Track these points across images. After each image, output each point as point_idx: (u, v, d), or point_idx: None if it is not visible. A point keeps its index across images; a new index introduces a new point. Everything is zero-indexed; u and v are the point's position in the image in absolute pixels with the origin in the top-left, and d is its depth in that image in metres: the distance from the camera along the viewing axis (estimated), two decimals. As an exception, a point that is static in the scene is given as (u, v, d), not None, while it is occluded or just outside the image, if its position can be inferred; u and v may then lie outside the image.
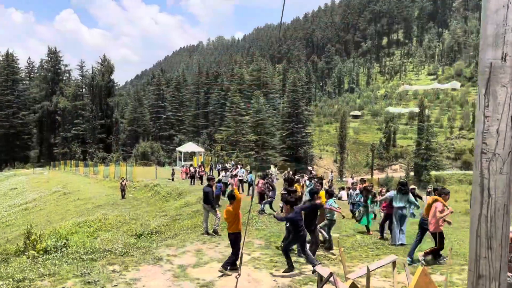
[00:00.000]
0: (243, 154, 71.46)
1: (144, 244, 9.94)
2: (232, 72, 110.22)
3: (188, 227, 16.39)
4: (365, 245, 10.07)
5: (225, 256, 8.84)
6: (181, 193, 28.24)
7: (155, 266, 8.03)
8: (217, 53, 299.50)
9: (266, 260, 8.41)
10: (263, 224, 13.35)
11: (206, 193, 11.48)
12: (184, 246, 9.71)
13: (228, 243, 10.16)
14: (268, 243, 9.70)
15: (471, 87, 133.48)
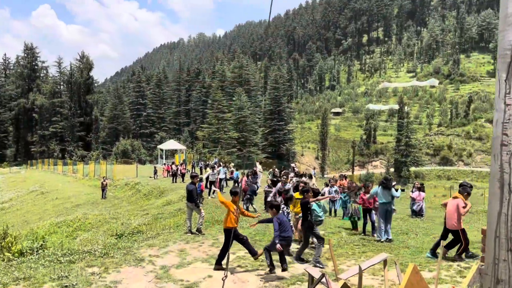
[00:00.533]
0: (225, 152, 71.18)
1: (125, 244, 9.61)
2: (213, 69, 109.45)
3: (170, 226, 16.06)
4: (351, 242, 9.95)
5: (209, 256, 8.61)
6: (163, 192, 27.83)
7: (137, 267, 7.73)
8: (198, 50, 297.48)
9: (252, 259, 8.19)
10: (246, 221, 13.15)
11: (189, 191, 11.18)
12: (167, 246, 9.42)
13: (212, 242, 9.94)
14: (252, 241, 9.46)
15: (448, 84, 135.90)
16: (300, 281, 6.83)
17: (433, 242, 10.29)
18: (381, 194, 10.48)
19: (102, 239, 13.99)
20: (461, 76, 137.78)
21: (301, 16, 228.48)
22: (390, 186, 10.55)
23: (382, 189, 10.49)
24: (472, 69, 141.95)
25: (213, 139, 76.92)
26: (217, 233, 10.98)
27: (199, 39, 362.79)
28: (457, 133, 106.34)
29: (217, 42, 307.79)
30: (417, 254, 8.59)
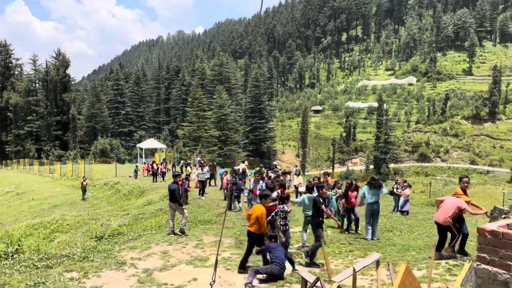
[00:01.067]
0: (206, 150, 70.67)
1: (105, 247, 9.26)
2: (193, 67, 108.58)
3: (151, 226, 15.72)
4: (337, 240, 9.84)
5: (193, 258, 8.35)
6: (143, 191, 27.37)
7: (118, 271, 7.43)
8: (178, 48, 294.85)
9: (238, 260, 7.97)
10: (230, 221, 12.94)
11: (172, 190, 10.83)
12: (149, 248, 9.12)
13: (196, 243, 9.68)
14: (238, 242, 9.29)
15: (426, 82, 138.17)
16: (289, 283, 6.66)
17: (419, 239, 10.29)
18: (369, 194, 10.41)
19: (81, 241, 13.56)
20: (438, 74, 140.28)
21: (281, 14, 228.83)
22: (378, 185, 10.50)
23: (370, 188, 10.43)
24: (448, 67, 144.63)
25: (193, 137, 76.20)
26: (201, 234, 10.73)
27: (178, 37, 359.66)
28: (434, 130, 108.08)
29: (197, 39, 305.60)
30: (403, 252, 8.53)
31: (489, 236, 3.96)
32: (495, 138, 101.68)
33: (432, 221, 13.62)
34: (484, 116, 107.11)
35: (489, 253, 3.97)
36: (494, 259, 3.92)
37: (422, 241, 9.92)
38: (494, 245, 3.93)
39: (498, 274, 3.88)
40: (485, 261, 4.00)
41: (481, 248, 4.03)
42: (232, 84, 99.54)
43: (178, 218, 11.51)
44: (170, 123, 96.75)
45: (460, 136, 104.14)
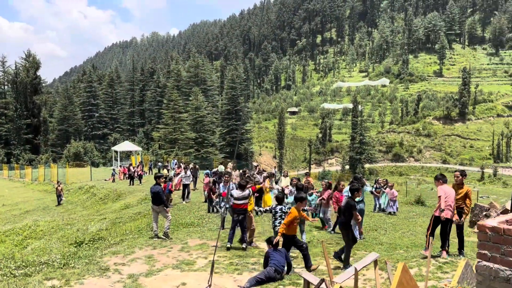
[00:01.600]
0: (183, 152, 70.01)
1: (86, 252, 8.91)
2: (168, 69, 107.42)
3: (131, 230, 15.34)
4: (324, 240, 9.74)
5: (180, 262, 8.11)
6: (120, 195, 26.77)
7: (102, 277, 7.13)
8: (152, 49, 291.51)
9: (226, 263, 7.80)
10: (213, 223, 12.74)
11: (155, 192, 10.50)
12: (133, 252, 8.82)
13: (181, 246, 9.43)
14: (224, 244, 9.10)
15: (399, 83, 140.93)
16: (282, 285, 6.53)
17: (404, 237, 10.35)
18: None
19: (57, 247, 13.07)
20: (410, 75, 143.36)
21: (256, 16, 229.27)
22: (362, 185, 10.51)
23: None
24: (420, 69, 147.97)
25: (169, 139, 75.36)
26: (186, 237, 10.47)
27: (153, 38, 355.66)
28: (407, 131, 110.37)
29: (172, 41, 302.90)
30: (391, 251, 8.54)
31: (490, 232, 3.93)
32: (465, 138, 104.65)
33: (414, 220, 13.79)
34: (454, 117, 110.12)
35: (490, 249, 3.94)
36: (496, 256, 3.89)
37: (408, 239, 9.97)
38: (495, 241, 3.90)
39: (500, 270, 3.85)
40: (486, 258, 3.97)
41: (482, 244, 4.00)
42: (208, 86, 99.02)
43: (161, 221, 11.21)
44: (145, 125, 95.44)
45: (432, 136, 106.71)
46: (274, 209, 8.29)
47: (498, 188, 65.39)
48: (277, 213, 8.20)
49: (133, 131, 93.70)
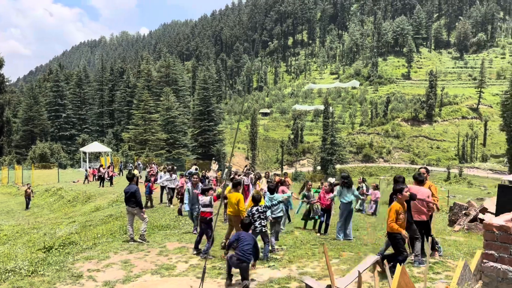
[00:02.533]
0: (154, 153, 68.79)
1: (56, 258, 8.32)
2: (138, 69, 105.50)
3: (103, 234, 14.70)
4: (307, 242, 9.53)
5: (159, 266, 7.66)
6: (90, 197, 25.84)
7: (74, 285, 6.62)
8: (122, 49, 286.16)
9: (208, 267, 7.41)
10: (190, 225, 12.30)
11: (132, 192, 9.97)
12: (107, 257, 8.29)
13: (159, 250, 8.98)
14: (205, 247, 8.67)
15: (368, 86, 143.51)
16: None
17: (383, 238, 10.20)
18: (344, 193, 10.22)
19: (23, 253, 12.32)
20: (379, 78, 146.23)
21: (228, 17, 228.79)
22: (351, 184, 10.33)
23: (343, 188, 10.24)
24: (388, 72, 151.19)
25: (140, 140, 73.89)
26: (163, 240, 9.99)
27: (122, 38, 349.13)
28: (377, 132, 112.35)
29: (142, 41, 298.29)
30: (376, 251, 8.34)
31: (497, 231, 3.75)
32: (432, 139, 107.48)
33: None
34: (422, 118, 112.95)
35: (497, 249, 3.75)
36: (504, 256, 3.71)
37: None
38: (503, 241, 3.71)
39: (509, 272, 3.67)
40: (493, 259, 3.78)
41: (489, 244, 3.81)
42: (179, 86, 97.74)
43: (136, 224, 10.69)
44: (114, 126, 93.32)
45: (400, 138, 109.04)
46: (250, 211, 8.01)
47: (463, 188, 67.33)
48: (255, 214, 7.91)
49: (102, 132, 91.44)
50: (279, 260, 7.94)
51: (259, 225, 7.82)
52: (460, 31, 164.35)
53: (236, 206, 8.40)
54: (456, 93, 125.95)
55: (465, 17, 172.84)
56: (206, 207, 8.44)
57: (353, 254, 8.21)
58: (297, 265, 7.41)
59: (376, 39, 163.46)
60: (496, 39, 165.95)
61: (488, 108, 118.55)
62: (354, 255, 8.17)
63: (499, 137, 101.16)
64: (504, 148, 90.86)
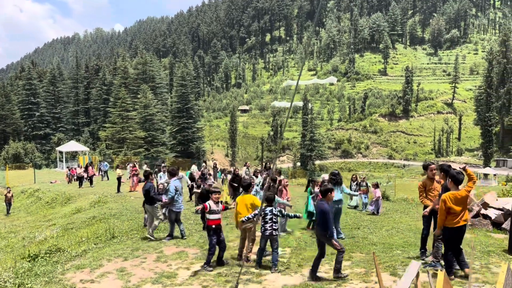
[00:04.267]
0: (132, 152, 67.46)
1: (44, 268, 7.62)
2: (114, 66, 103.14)
3: (88, 237, 13.97)
4: (311, 243, 9.01)
5: (159, 274, 7.06)
6: (70, 198, 24.81)
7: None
8: (96, 46, 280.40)
9: (212, 275, 6.87)
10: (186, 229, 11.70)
11: (146, 190, 9.96)
12: (101, 265, 7.63)
13: (156, 256, 8.37)
14: (205, 251, 8.11)
15: (346, 82, 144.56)
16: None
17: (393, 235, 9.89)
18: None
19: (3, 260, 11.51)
20: (357, 74, 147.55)
21: (205, 13, 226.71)
22: (340, 181, 9.93)
23: (332, 185, 9.79)
24: (365, 68, 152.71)
25: (117, 139, 72.32)
26: (159, 244, 9.30)
27: (97, 35, 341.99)
28: (355, 128, 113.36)
29: (117, 37, 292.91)
30: (388, 252, 7.98)
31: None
32: (409, 134, 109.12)
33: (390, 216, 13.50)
34: (399, 114, 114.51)
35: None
36: None
37: (398, 237, 9.51)
38: None
39: None
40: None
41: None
42: (157, 83, 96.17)
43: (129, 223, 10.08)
44: (90, 125, 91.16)
45: (378, 133, 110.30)
46: (263, 211, 7.42)
47: (441, 182, 68.60)
48: (267, 215, 7.32)
49: (78, 130, 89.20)
50: (287, 264, 7.45)
51: (269, 228, 7.23)
52: (434, 27, 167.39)
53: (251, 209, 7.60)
54: (432, 88, 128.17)
55: (439, 14, 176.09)
56: (214, 214, 7.55)
57: (364, 255, 7.80)
58: (309, 270, 6.92)
59: (353, 35, 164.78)
60: (469, 35, 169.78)
61: (462, 103, 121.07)
62: (366, 256, 7.75)
63: (473, 131, 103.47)
64: (478, 142, 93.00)
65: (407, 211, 14.52)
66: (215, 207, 7.56)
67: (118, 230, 13.04)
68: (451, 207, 6.20)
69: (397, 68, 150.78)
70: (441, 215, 6.26)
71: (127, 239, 10.11)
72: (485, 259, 7.23)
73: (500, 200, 10.82)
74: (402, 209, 15.10)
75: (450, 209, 6.22)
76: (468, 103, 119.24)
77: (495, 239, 9.11)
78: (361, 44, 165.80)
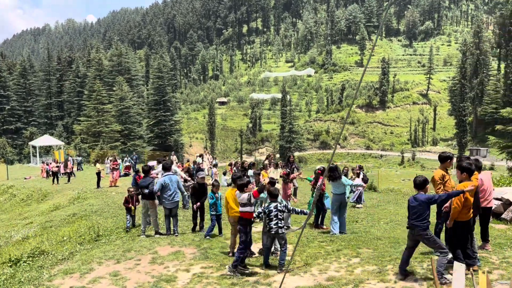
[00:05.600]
0: (108, 146, 65.97)
1: (28, 274, 6.96)
2: (88, 57, 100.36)
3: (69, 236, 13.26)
4: (313, 238, 8.64)
5: (157, 278, 6.51)
6: (46, 195, 23.81)
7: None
8: (68, 37, 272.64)
9: (215, 277, 6.38)
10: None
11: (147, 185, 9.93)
12: (92, 269, 7.00)
13: (151, 258, 7.81)
14: (203, 250, 7.60)
15: (323, 73, 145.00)
16: None
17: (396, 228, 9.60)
18: (335, 185, 9.47)
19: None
20: (334, 65, 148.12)
21: (180, 4, 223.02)
22: (338, 176, 9.57)
23: (331, 181, 9.51)
24: (342, 59, 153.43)
25: (93, 132, 70.54)
26: (152, 244, 8.68)
27: (69, 26, 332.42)
28: (333, 119, 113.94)
29: (90, 29, 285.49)
30: (396, 247, 7.59)
31: None
32: (385, 125, 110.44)
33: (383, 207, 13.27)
34: (375, 105, 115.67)
35: None
36: None
37: (400, 231, 9.19)
38: None
39: None
40: None
41: None
42: (132, 75, 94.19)
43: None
44: (64, 118, 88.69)
45: (356, 124, 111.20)
46: (267, 208, 6.92)
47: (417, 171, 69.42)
48: (272, 212, 6.84)
49: (51, 124, 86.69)
50: (292, 262, 7.02)
51: (274, 226, 6.78)
52: (408, 19, 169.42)
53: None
54: (407, 79, 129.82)
55: (413, 6, 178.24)
56: (245, 206, 7.02)
57: (372, 251, 7.43)
58: (317, 268, 6.51)
59: (330, 27, 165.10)
60: (442, 27, 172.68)
61: (436, 93, 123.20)
62: (374, 252, 7.37)
63: (447, 121, 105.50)
64: (452, 132, 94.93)
65: (399, 202, 14.33)
66: (249, 199, 7.06)
67: (103, 229, 12.40)
68: (468, 198, 5.92)
69: (373, 59, 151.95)
70: (459, 207, 5.92)
71: (116, 238, 9.48)
72: (499, 252, 6.96)
73: (497, 190, 10.67)
74: (393, 200, 14.93)
75: (466, 201, 5.92)
76: (442, 93, 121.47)
77: (498, 230, 8.92)
78: (338, 36, 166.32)
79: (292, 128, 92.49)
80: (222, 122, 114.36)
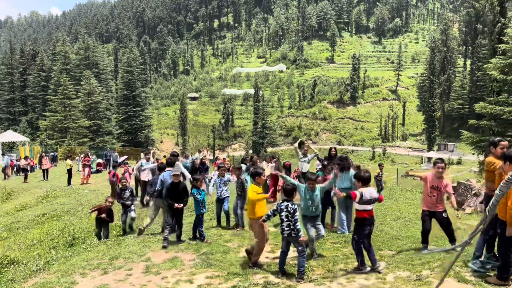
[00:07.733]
0: (76, 142, 63.46)
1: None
2: (54, 51, 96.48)
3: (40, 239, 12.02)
4: (325, 239, 7.75)
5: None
6: (11, 193, 22.16)
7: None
8: (32, 30, 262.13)
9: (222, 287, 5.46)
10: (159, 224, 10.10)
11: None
12: (74, 283, 5.86)
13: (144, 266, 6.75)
14: (203, 256, 6.62)
15: (295, 69, 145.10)
16: None
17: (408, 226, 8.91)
18: (341, 177, 8.56)
19: None
20: (305, 61, 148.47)
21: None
22: (348, 166, 8.74)
23: (340, 171, 8.56)
24: (314, 56, 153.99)
25: (59, 128, 67.70)
26: (143, 249, 7.51)
27: (32, 18, 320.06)
28: (305, 115, 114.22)
29: (54, 21, 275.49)
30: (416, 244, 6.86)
31: None
32: (356, 120, 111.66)
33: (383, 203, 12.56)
34: (346, 101, 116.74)
35: None
36: None
37: (415, 229, 8.46)
38: None
39: None
40: None
41: None
42: (101, 70, 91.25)
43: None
44: (28, 114, 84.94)
45: (327, 119, 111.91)
46: (279, 206, 6.08)
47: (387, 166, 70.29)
48: (283, 211, 6.02)
49: (14, 120, 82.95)
50: (309, 268, 6.15)
51: (286, 228, 5.97)
52: (378, 16, 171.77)
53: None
54: (377, 76, 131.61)
55: (382, 3, 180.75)
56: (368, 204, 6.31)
57: (395, 253, 6.67)
58: (345, 277, 5.67)
59: (301, 23, 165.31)
60: (410, 24, 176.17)
61: (405, 90, 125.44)
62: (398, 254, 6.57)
63: (416, 117, 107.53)
64: (420, 127, 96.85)
65: (395, 197, 13.76)
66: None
67: (78, 230, 11.24)
68: None
69: (343, 56, 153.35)
70: None
71: (99, 243, 8.31)
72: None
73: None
74: (386, 194, 14.34)
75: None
76: (410, 90, 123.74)
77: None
78: (309, 32, 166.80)
79: (265, 123, 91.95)
80: (194, 117, 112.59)
